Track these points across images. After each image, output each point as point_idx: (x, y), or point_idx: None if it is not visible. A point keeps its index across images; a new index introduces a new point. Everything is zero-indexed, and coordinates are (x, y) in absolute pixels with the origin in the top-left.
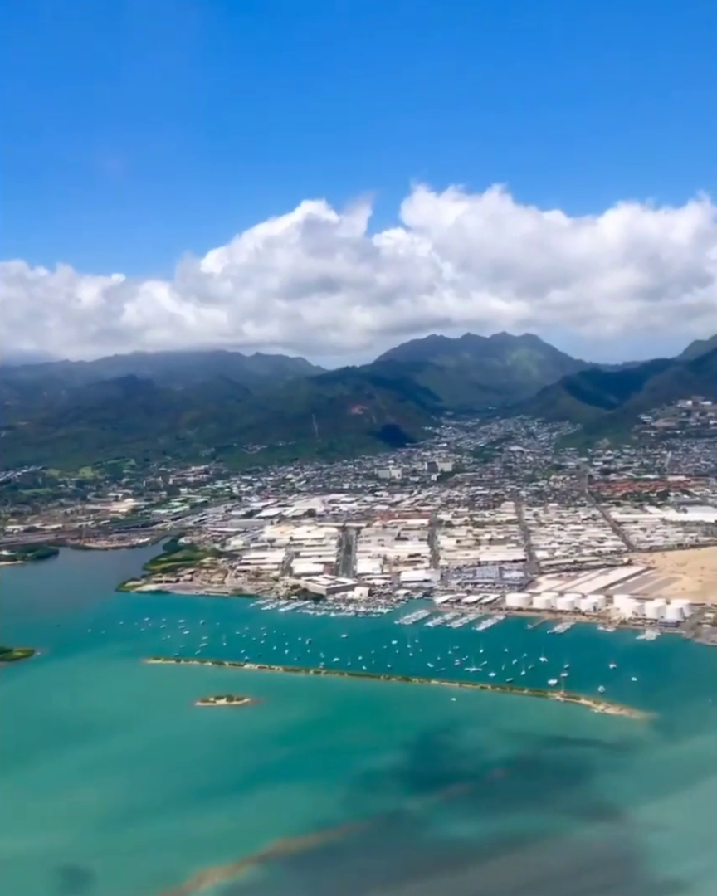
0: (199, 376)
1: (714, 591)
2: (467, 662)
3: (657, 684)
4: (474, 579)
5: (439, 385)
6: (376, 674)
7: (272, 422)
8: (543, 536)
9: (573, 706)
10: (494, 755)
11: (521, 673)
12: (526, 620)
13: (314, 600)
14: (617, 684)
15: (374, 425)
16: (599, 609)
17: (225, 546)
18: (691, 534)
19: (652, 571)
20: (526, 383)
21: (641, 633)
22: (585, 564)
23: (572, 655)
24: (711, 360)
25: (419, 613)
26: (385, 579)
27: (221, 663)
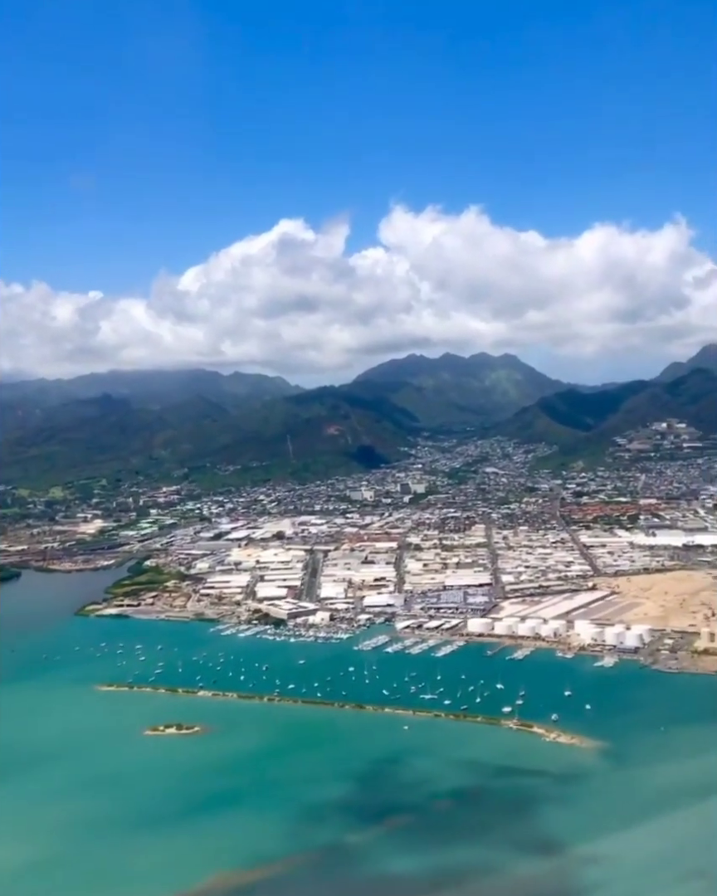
0: (176, 395)
1: (676, 616)
2: (422, 689)
3: (610, 712)
4: (437, 604)
5: (416, 405)
6: (331, 701)
7: (247, 442)
8: (510, 560)
9: (526, 734)
10: (440, 786)
11: (476, 700)
12: (486, 646)
13: (275, 625)
14: (571, 712)
15: (349, 446)
16: (559, 635)
17: (190, 569)
18: (657, 558)
19: (616, 596)
20: (504, 404)
21: (599, 659)
22: (550, 589)
23: (529, 682)
24: (688, 382)
25: (379, 639)
26: (348, 604)
27: (175, 690)
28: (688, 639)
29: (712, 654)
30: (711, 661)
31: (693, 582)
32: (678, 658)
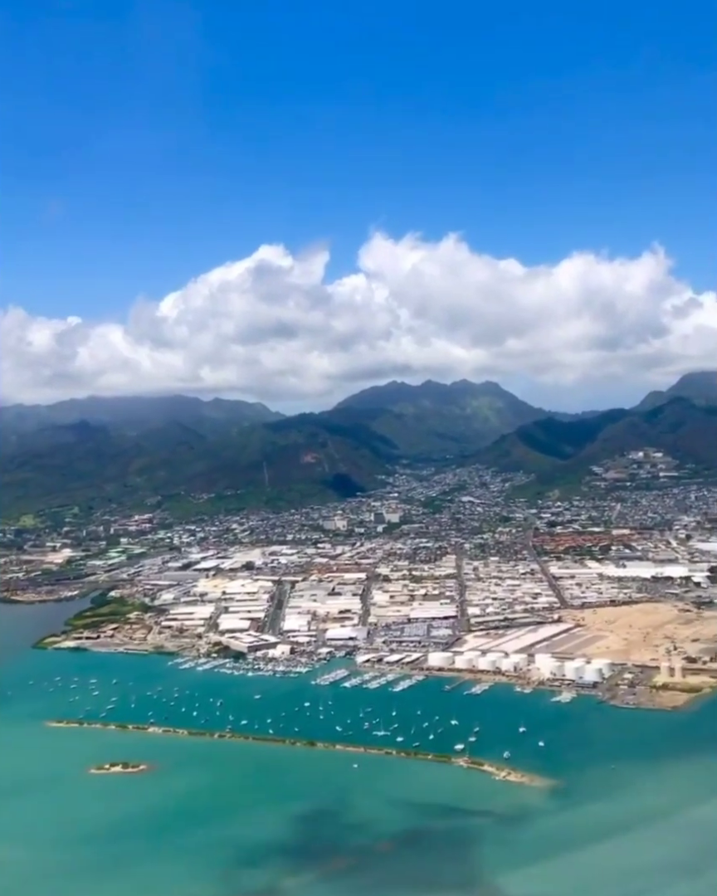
0: (155, 421)
1: (638, 650)
2: (376, 726)
3: (563, 749)
4: (400, 637)
5: (396, 433)
6: (282, 738)
7: (223, 469)
8: (478, 592)
9: (475, 773)
10: (382, 827)
11: (429, 737)
12: (445, 681)
13: (235, 658)
14: (523, 749)
15: (325, 474)
16: (519, 669)
17: (155, 600)
18: (625, 590)
19: (580, 629)
20: (485, 431)
21: (557, 694)
22: (515, 621)
23: (484, 718)
24: (666, 411)
25: (338, 673)
26: (310, 636)
27: (125, 727)
28: (648, 673)
29: (670, 689)
30: (668, 696)
31: (659, 615)
32: (636, 693)
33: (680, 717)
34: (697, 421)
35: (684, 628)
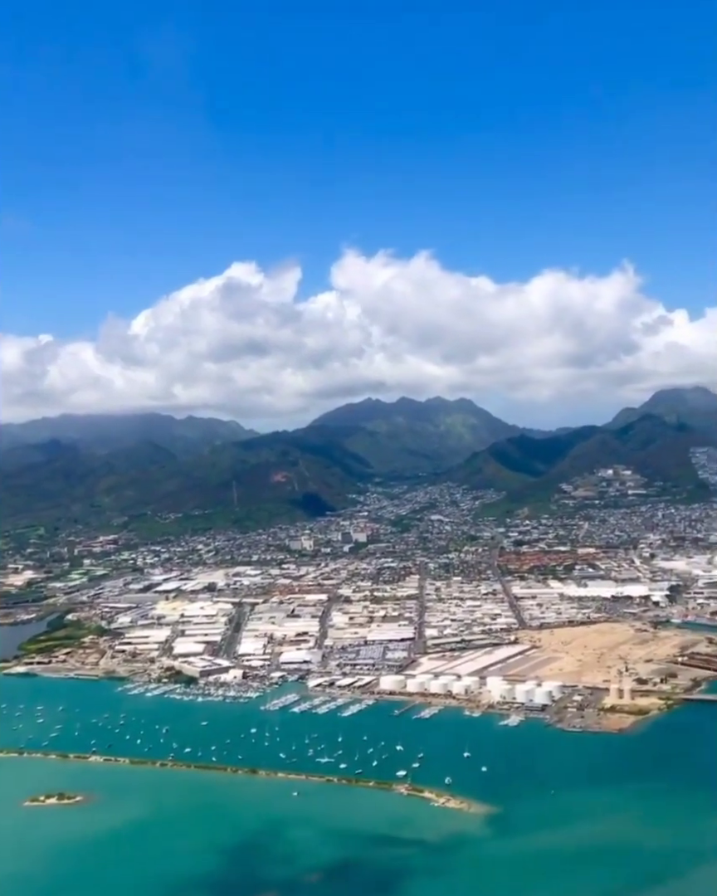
0: (127, 440)
1: (590, 671)
2: (320, 752)
3: (505, 774)
4: (355, 660)
5: (369, 450)
6: (224, 766)
7: (192, 489)
8: (438, 613)
9: (415, 800)
10: (312, 859)
11: (373, 763)
12: (396, 705)
13: (186, 683)
14: (466, 775)
15: (295, 493)
16: (471, 692)
17: (112, 623)
18: (584, 610)
19: (536, 650)
20: (459, 449)
21: (505, 717)
22: (471, 643)
23: (430, 743)
24: (636, 428)
25: (288, 698)
26: (264, 660)
27: (66, 756)
28: (598, 695)
29: (618, 711)
30: (616, 718)
31: (615, 635)
32: (584, 716)
33: (624, 740)
34: (666, 438)
35: (638, 649)
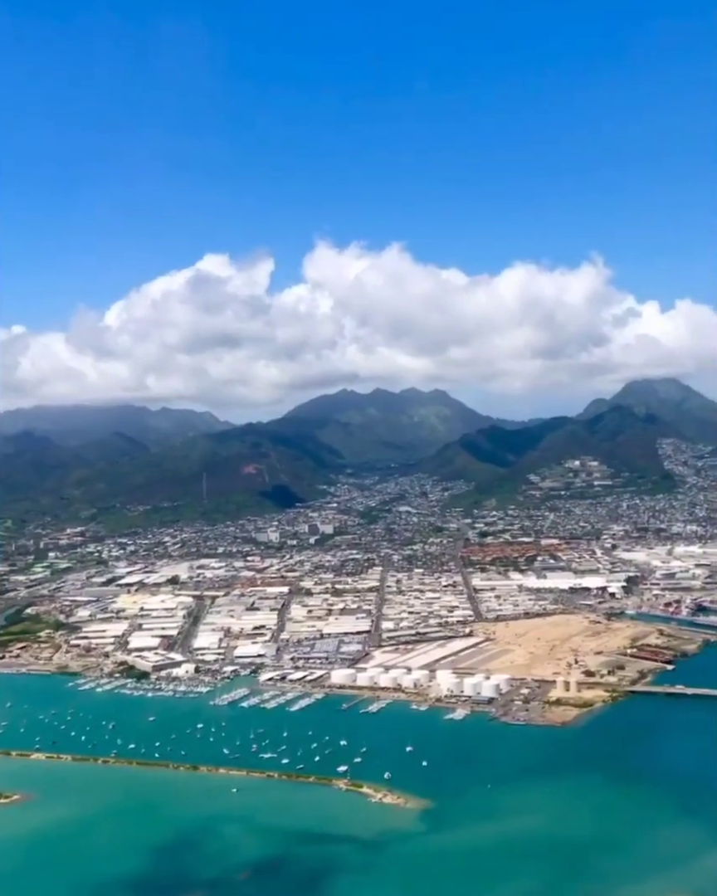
0: (101, 431)
1: (541, 664)
2: (264, 748)
3: (444, 769)
4: (309, 654)
5: (342, 442)
6: (167, 762)
7: (162, 481)
8: (396, 605)
9: (353, 795)
10: (243, 856)
11: (315, 759)
12: (344, 699)
13: (138, 678)
14: (406, 769)
15: (265, 485)
16: (420, 685)
17: (70, 617)
18: (541, 602)
19: (489, 643)
20: (432, 440)
21: (452, 711)
22: (426, 636)
23: (375, 738)
24: (606, 419)
25: (238, 693)
26: (218, 654)
27: (8, 753)
28: (545, 688)
29: (563, 704)
30: (560, 711)
31: (569, 627)
32: (529, 709)
33: (566, 733)
34: (635, 429)
35: (590, 641)
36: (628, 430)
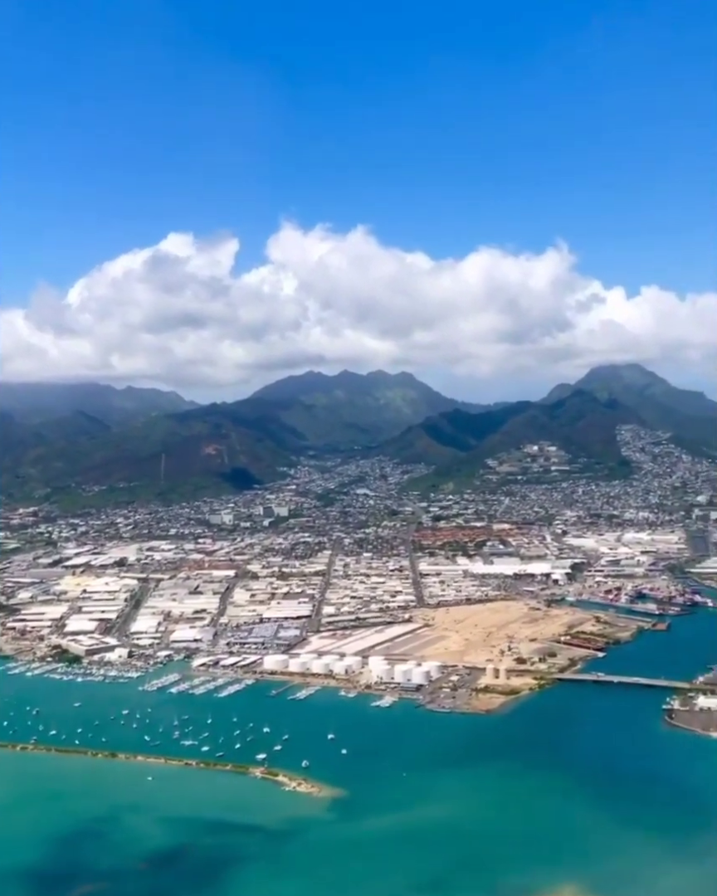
0: (64, 409)
1: (475, 650)
2: (186, 735)
3: (363, 757)
4: (246, 639)
5: (306, 423)
6: (85, 749)
7: (120, 461)
8: (340, 590)
9: (268, 784)
10: (146, 846)
11: (235, 746)
12: (274, 685)
13: (70, 663)
14: (325, 757)
15: (224, 466)
16: (351, 672)
17: (11, 599)
18: (484, 588)
19: (427, 629)
20: (397, 422)
21: (379, 698)
22: (365, 621)
23: (298, 725)
24: (567, 404)
25: (169, 678)
26: (155, 639)
27: None
28: (476, 675)
29: (491, 691)
30: (486, 699)
31: (508, 613)
32: (456, 697)
33: (489, 720)
34: (596, 415)
35: (527, 627)
36: (589, 415)
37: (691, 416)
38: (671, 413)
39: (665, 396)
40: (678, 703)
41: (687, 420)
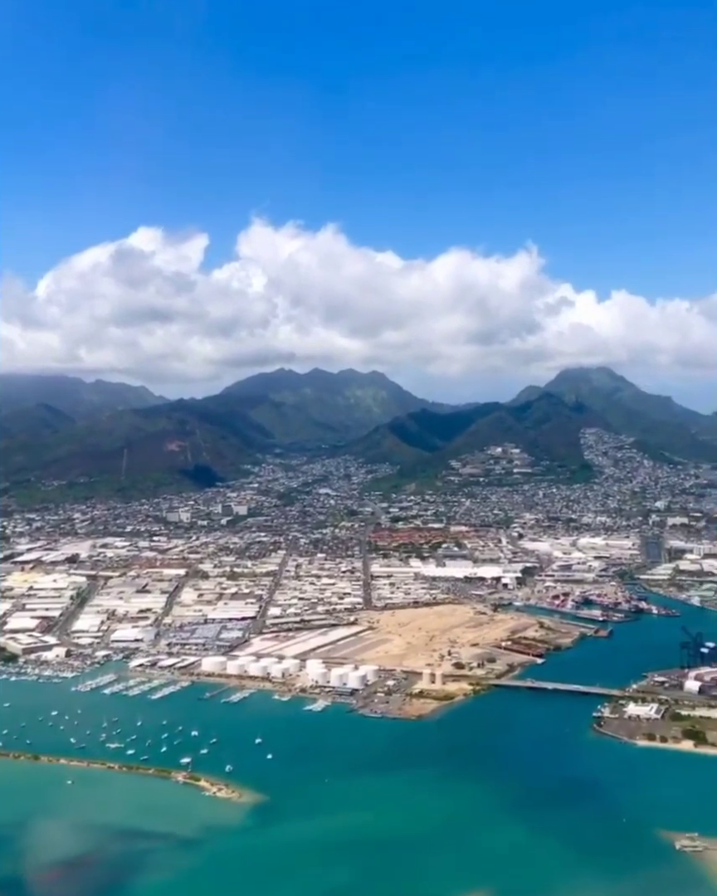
0: (31, 401)
1: (415, 654)
2: (113, 738)
3: (289, 762)
4: (188, 639)
5: (274, 421)
6: (7, 752)
7: (83, 455)
8: (289, 591)
9: (189, 788)
10: (53, 853)
11: (161, 750)
12: (210, 687)
13: (7, 661)
14: (250, 762)
15: (187, 463)
16: (288, 675)
17: None
18: (433, 591)
19: (371, 632)
20: (366, 421)
21: (312, 702)
22: (310, 623)
23: (229, 728)
24: (534, 406)
25: (105, 679)
26: (96, 638)
27: None
28: (412, 680)
29: (425, 696)
30: (419, 704)
31: (454, 617)
32: (389, 701)
33: (419, 726)
34: (562, 418)
35: (470, 632)
36: (555, 417)
37: (657, 421)
38: (637, 417)
39: (633, 401)
40: (608, 711)
41: (653, 425)
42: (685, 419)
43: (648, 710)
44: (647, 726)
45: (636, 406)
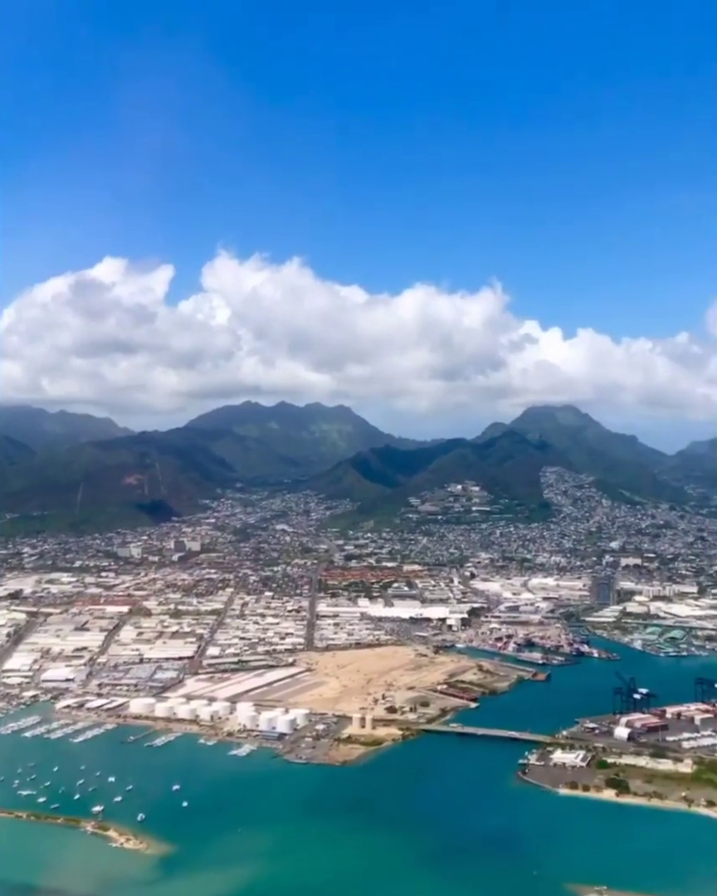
0: None
1: (349, 698)
2: (26, 784)
3: (203, 810)
4: (121, 679)
5: (237, 455)
6: None
7: (39, 488)
8: (231, 630)
9: (96, 839)
10: None
11: (74, 797)
12: (135, 730)
13: None
14: (163, 810)
15: (143, 497)
16: (218, 718)
17: None
18: (377, 632)
19: (308, 674)
20: (331, 456)
21: (238, 747)
22: (247, 664)
23: (146, 774)
24: (497, 444)
25: (28, 721)
26: (26, 678)
27: None
28: (343, 724)
29: (353, 742)
30: (346, 750)
31: (394, 659)
32: (316, 747)
33: (344, 772)
34: (524, 455)
35: (409, 675)
36: (518, 455)
37: (619, 460)
38: (600, 456)
39: (597, 439)
40: (534, 758)
41: (615, 464)
42: (648, 458)
43: (574, 757)
44: (571, 774)
45: (599, 445)
